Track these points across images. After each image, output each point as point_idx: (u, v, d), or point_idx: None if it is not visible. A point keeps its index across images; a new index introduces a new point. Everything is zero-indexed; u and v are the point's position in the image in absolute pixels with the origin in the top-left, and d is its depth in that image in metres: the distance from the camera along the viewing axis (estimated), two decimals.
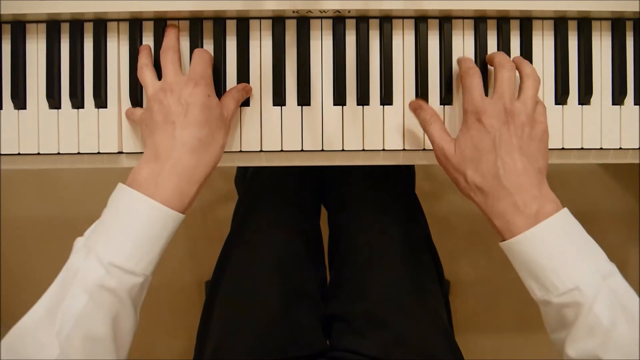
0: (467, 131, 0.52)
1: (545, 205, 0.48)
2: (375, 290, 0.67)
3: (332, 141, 0.59)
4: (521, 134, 0.50)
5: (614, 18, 0.60)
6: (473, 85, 0.52)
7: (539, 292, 0.47)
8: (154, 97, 0.53)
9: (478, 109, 0.51)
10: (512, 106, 0.50)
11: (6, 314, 1.28)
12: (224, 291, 0.69)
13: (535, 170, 0.49)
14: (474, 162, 0.51)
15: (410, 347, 0.63)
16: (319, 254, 0.76)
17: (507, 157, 0.49)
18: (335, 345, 0.67)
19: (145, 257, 0.47)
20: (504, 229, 0.49)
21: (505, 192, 0.49)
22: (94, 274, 0.45)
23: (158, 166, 0.49)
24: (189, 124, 0.50)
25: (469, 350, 0.69)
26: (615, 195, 1.39)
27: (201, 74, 0.53)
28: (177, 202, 0.49)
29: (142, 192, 0.47)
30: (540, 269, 0.47)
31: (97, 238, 0.47)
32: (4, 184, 1.34)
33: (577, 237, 0.48)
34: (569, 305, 0.45)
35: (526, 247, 0.47)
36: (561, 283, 0.45)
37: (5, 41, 0.59)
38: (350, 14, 0.58)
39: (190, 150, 0.50)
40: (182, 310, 1.31)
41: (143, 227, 0.47)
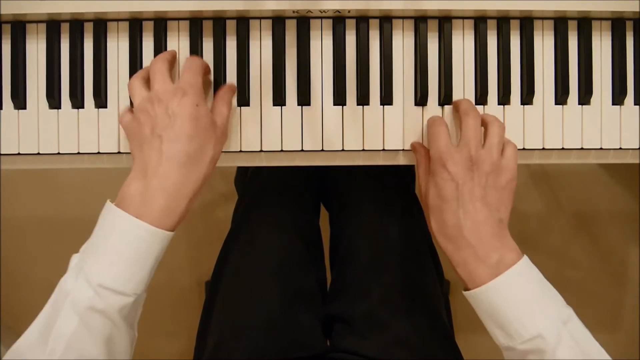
0: (432, 179, 0.52)
1: (505, 255, 0.49)
2: (375, 290, 0.67)
3: (332, 141, 0.59)
4: (484, 184, 0.50)
5: (614, 18, 0.60)
6: (440, 134, 0.53)
7: (503, 339, 0.49)
8: (140, 106, 0.50)
9: (443, 156, 0.51)
10: (477, 154, 0.51)
11: (6, 314, 1.28)
12: (224, 291, 0.69)
13: (496, 221, 0.50)
14: (437, 209, 0.51)
15: (410, 347, 0.63)
16: (319, 255, 0.76)
17: (470, 207, 0.50)
18: (336, 346, 0.67)
19: (134, 277, 0.46)
20: (467, 278, 0.50)
21: (466, 243, 0.50)
22: (83, 296, 0.44)
23: (145, 183, 0.47)
24: (176, 137, 0.48)
25: (469, 350, 0.69)
26: (615, 195, 1.39)
27: (190, 82, 0.51)
28: (165, 220, 0.47)
29: (129, 211, 0.46)
30: (503, 317, 0.48)
31: (86, 258, 0.46)
32: (4, 184, 1.34)
33: (537, 284, 0.49)
34: (533, 352, 0.46)
35: (489, 297, 0.48)
36: (525, 330, 0.47)
37: (5, 41, 0.59)
38: (350, 14, 0.58)
39: (178, 166, 0.48)
40: (182, 310, 1.31)
41: (130, 248, 0.46)
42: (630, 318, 1.38)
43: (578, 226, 1.38)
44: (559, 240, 1.38)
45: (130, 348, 0.49)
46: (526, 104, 0.60)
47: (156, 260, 0.48)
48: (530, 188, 1.38)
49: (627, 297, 1.38)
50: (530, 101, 0.60)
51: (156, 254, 0.48)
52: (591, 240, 1.38)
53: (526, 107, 0.59)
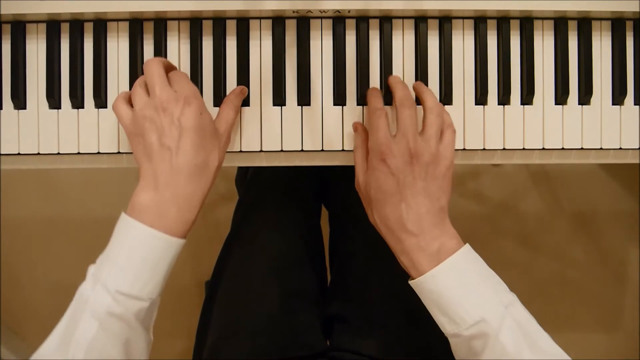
0: (372, 172, 0.52)
1: (445, 243, 0.50)
2: (375, 290, 0.67)
3: (332, 141, 0.59)
4: (425, 175, 0.51)
5: (614, 18, 0.60)
6: (379, 126, 0.52)
7: (449, 326, 0.49)
8: (144, 112, 0.50)
9: (382, 149, 0.51)
10: (415, 145, 0.51)
11: (6, 314, 1.28)
12: (224, 291, 0.69)
13: (437, 210, 0.51)
14: (379, 203, 0.52)
15: (410, 347, 0.63)
16: (319, 254, 0.76)
17: (411, 200, 0.50)
18: (336, 346, 0.67)
19: (150, 283, 0.48)
20: (410, 267, 0.51)
21: (409, 234, 0.50)
22: (102, 302, 0.46)
23: (158, 195, 0.49)
24: (185, 150, 0.50)
25: None
26: (615, 195, 1.39)
27: (189, 89, 0.51)
28: (178, 228, 0.50)
29: (144, 221, 0.48)
30: (447, 304, 0.48)
31: (103, 266, 0.48)
32: (4, 184, 1.34)
33: (478, 271, 0.50)
34: (477, 337, 0.47)
35: (432, 285, 0.49)
36: (468, 316, 0.47)
37: (5, 41, 0.59)
38: (350, 14, 0.58)
39: (187, 178, 0.50)
40: (182, 310, 1.31)
41: (146, 256, 0.48)
42: (630, 318, 1.38)
43: (578, 226, 1.38)
44: (559, 240, 1.38)
45: (146, 351, 0.51)
46: (526, 104, 0.60)
47: (169, 266, 0.50)
48: (530, 188, 1.38)
49: (627, 297, 1.38)
50: (530, 101, 0.60)
51: (170, 260, 0.50)
52: (591, 240, 1.38)
53: (526, 107, 0.59)
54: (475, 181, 1.36)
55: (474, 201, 1.34)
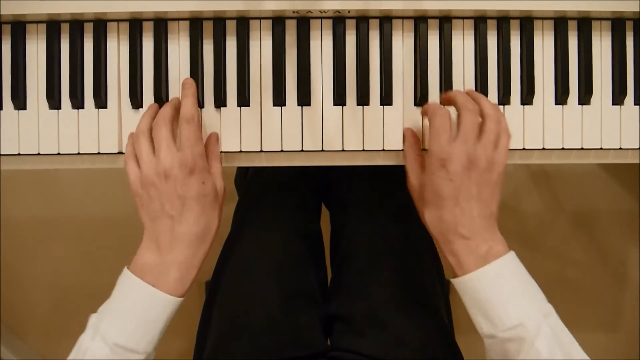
0: (430, 175, 0.52)
1: (494, 247, 0.51)
2: (375, 290, 0.67)
3: (332, 141, 0.59)
4: (480, 181, 0.51)
5: (614, 18, 0.60)
6: (443, 128, 0.52)
7: (486, 327, 0.50)
8: (148, 178, 0.52)
9: (443, 156, 0.51)
10: (474, 152, 0.51)
11: (6, 314, 1.28)
12: (224, 291, 0.69)
13: (488, 214, 0.52)
14: (434, 205, 0.53)
15: (410, 347, 0.63)
16: (319, 254, 0.76)
17: (465, 205, 0.51)
18: (336, 345, 0.67)
19: (146, 337, 0.51)
20: (456, 266, 0.52)
21: (460, 236, 0.51)
22: (100, 353, 0.49)
23: (160, 258, 0.52)
24: (187, 220, 0.52)
25: (469, 350, 0.69)
26: (615, 195, 1.39)
27: (193, 155, 0.52)
28: (178, 289, 0.53)
29: (145, 279, 0.51)
30: (488, 305, 0.50)
31: (103, 318, 0.51)
32: (4, 184, 1.34)
33: (521, 277, 0.51)
34: (513, 340, 0.48)
35: (476, 284, 0.50)
36: (507, 318, 0.48)
37: (5, 41, 0.59)
38: (350, 14, 0.58)
39: (188, 245, 0.53)
40: (182, 310, 1.31)
41: (144, 312, 0.51)
42: (630, 318, 1.38)
43: (578, 226, 1.38)
44: (559, 240, 1.37)
45: None
46: (526, 104, 0.60)
47: (167, 322, 0.53)
48: (530, 188, 1.38)
49: (627, 297, 1.38)
50: (530, 101, 0.60)
51: (167, 317, 0.53)
52: (591, 240, 1.38)
53: (526, 107, 0.59)
54: None
55: None
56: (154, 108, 0.57)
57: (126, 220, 1.30)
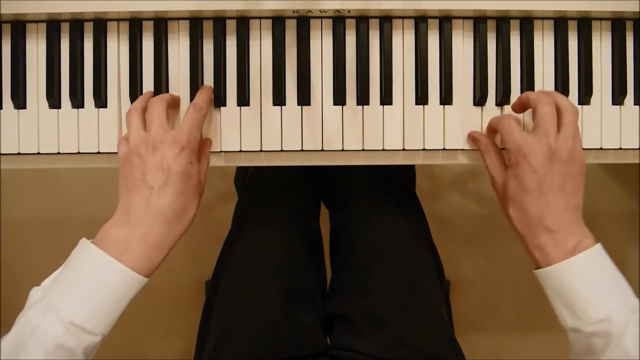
0: (512, 169, 0.53)
1: (582, 242, 0.50)
2: (376, 289, 0.67)
3: (332, 141, 0.59)
4: (564, 172, 0.51)
5: (614, 18, 0.60)
6: (511, 127, 0.53)
7: (570, 320, 0.49)
8: (135, 148, 0.51)
9: (522, 148, 0.51)
10: (556, 144, 0.51)
11: (6, 314, 1.28)
12: (224, 291, 0.69)
13: (574, 208, 0.51)
14: (518, 198, 0.52)
15: (411, 346, 0.63)
16: (319, 254, 0.76)
17: (550, 197, 0.51)
18: (336, 345, 0.67)
19: (106, 318, 0.47)
20: (542, 260, 0.51)
21: (546, 230, 0.51)
22: (53, 332, 0.44)
23: (129, 231, 0.49)
24: (166, 193, 0.50)
25: (469, 350, 0.69)
26: (615, 195, 1.39)
27: (189, 135, 0.52)
28: (143, 267, 0.49)
29: (110, 253, 0.47)
30: (574, 297, 0.48)
31: (57, 294, 0.46)
32: (4, 184, 1.34)
33: (609, 271, 0.50)
34: (599, 335, 0.47)
35: (561, 276, 0.49)
36: (594, 312, 0.47)
37: (5, 41, 0.59)
38: (350, 13, 0.58)
39: (163, 221, 0.50)
40: (182, 310, 1.31)
41: (107, 289, 0.47)
42: None
43: None
44: None
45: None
46: None
47: (127, 304, 0.49)
48: None
49: None
50: None
51: (129, 297, 0.49)
52: None
53: None
54: (475, 181, 1.36)
55: (474, 201, 1.34)
56: (150, 94, 0.58)
57: None
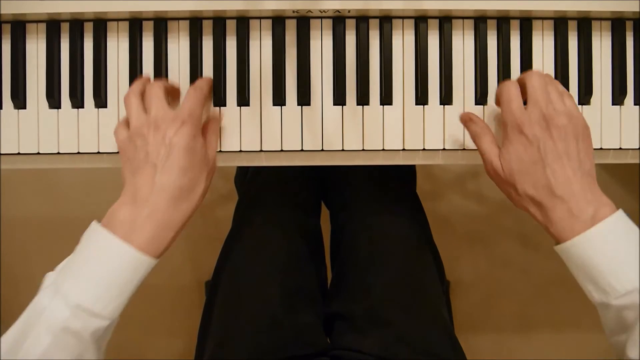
0: (510, 144, 0.51)
1: (600, 209, 0.47)
2: (376, 288, 0.67)
3: (332, 141, 0.59)
4: (564, 136, 0.49)
5: (614, 18, 0.60)
6: (511, 97, 0.51)
7: (597, 294, 0.47)
8: (137, 130, 0.50)
9: (518, 121, 0.50)
10: (547, 109, 0.50)
11: (6, 314, 1.28)
12: (225, 291, 0.69)
13: (585, 173, 0.49)
14: (523, 174, 0.50)
15: (411, 345, 0.63)
16: (319, 253, 0.76)
17: (556, 165, 0.49)
18: (337, 344, 0.67)
19: (114, 301, 0.46)
20: (560, 234, 0.49)
21: (559, 200, 0.48)
22: (59, 316, 0.44)
23: (136, 211, 0.48)
24: (170, 169, 0.48)
25: (469, 350, 0.69)
26: (615, 195, 1.38)
27: (190, 111, 0.51)
28: (152, 248, 0.47)
29: (117, 234, 0.46)
30: (597, 271, 0.46)
31: (65, 277, 0.46)
32: (4, 184, 1.34)
33: (633, 239, 0.47)
34: (629, 308, 0.45)
35: (583, 249, 0.47)
36: (620, 285, 0.45)
37: (5, 41, 0.59)
38: (350, 14, 0.58)
39: (169, 198, 0.48)
40: (182, 310, 1.31)
41: (114, 271, 0.46)
42: None
43: None
44: None
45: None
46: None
47: (136, 286, 0.48)
48: None
49: None
50: None
51: (138, 280, 0.47)
52: None
53: None
54: (475, 181, 1.36)
55: (474, 201, 1.34)
56: (147, 77, 0.56)
57: None
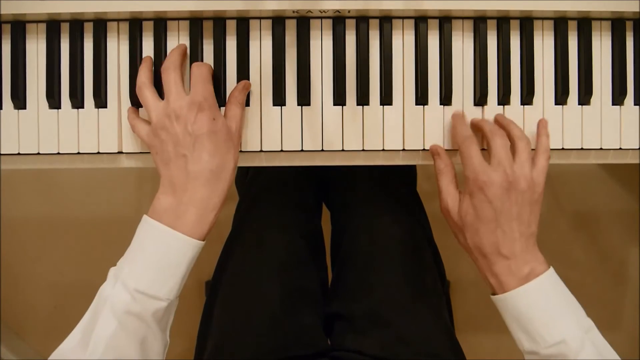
0: (470, 198, 0.53)
1: (536, 268, 0.52)
2: (377, 289, 0.67)
3: (332, 141, 0.59)
4: (521, 201, 0.52)
5: (614, 18, 0.60)
6: (471, 154, 0.53)
7: (528, 343, 0.51)
8: (159, 123, 0.52)
9: (479, 178, 0.52)
10: (512, 173, 0.52)
11: (6, 314, 1.28)
12: (225, 291, 0.69)
13: (529, 235, 0.52)
14: (475, 228, 0.53)
15: (412, 346, 0.63)
16: (320, 253, 0.76)
17: (506, 227, 0.52)
18: (337, 345, 0.67)
19: (168, 283, 0.50)
20: (497, 286, 0.53)
21: (501, 258, 0.52)
22: (121, 300, 0.48)
23: (176, 199, 0.51)
24: (199, 157, 0.51)
25: (469, 350, 0.69)
26: (615, 195, 1.39)
27: (203, 94, 0.52)
28: (197, 230, 0.52)
29: (162, 222, 0.50)
30: (529, 322, 0.50)
31: (123, 266, 0.50)
32: (4, 184, 1.34)
33: (561, 294, 0.52)
34: (555, 357, 0.49)
35: (517, 302, 0.51)
36: (549, 336, 0.49)
37: (5, 41, 0.59)
38: (350, 14, 0.58)
39: (204, 182, 0.52)
40: (182, 310, 1.30)
41: (164, 255, 0.50)
42: (630, 318, 1.38)
43: (578, 226, 1.38)
44: (559, 240, 1.37)
45: (162, 351, 0.53)
46: (526, 104, 0.60)
47: (188, 268, 0.52)
48: None
49: (627, 297, 1.38)
50: (530, 101, 0.60)
51: (188, 261, 0.52)
52: (591, 240, 1.38)
53: (526, 108, 0.59)
54: None
55: None
56: (149, 60, 0.57)
57: (126, 220, 1.30)
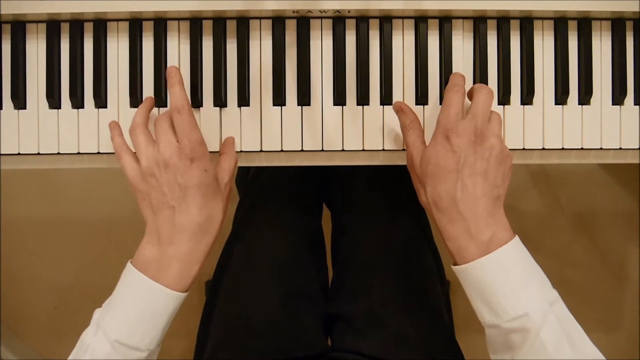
0: (433, 146, 0.51)
1: (497, 234, 0.48)
2: (376, 290, 0.67)
3: (332, 141, 0.59)
4: (488, 157, 0.49)
5: (614, 18, 0.60)
6: (453, 102, 0.51)
7: (489, 316, 0.48)
8: (148, 169, 0.51)
9: (449, 126, 0.50)
10: (482, 127, 0.50)
11: (6, 314, 1.28)
12: (225, 291, 0.69)
13: (494, 197, 0.49)
14: (435, 178, 0.50)
15: (411, 347, 0.63)
16: (320, 254, 0.76)
17: (468, 180, 0.49)
18: (337, 345, 0.67)
19: (149, 334, 0.50)
20: (456, 253, 0.50)
21: (460, 216, 0.49)
22: (101, 350, 0.48)
23: (160, 251, 0.51)
24: (187, 210, 0.51)
25: (469, 350, 0.69)
26: (615, 195, 1.39)
27: (192, 145, 0.51)
28: (179, 283, 0.51)
29: (146, 274, 0.50)
30: (491, 295, 0.47)
31: (105, 314, 0.50)
32: (4, 184, 1.34)
33: (526, 264, 0.49)
34: (517, 331, 0.46)
35: (478, 273, 0.48)
36: (511, 309, 0.46)
37: (5, 41, 0.59)
38: (350, 14, 0.58)
39: (190, 236, 0.51)
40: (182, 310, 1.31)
41: (146, 307, 0.50)
42: (630, 318, 1.38)
43: (578, 226, 1.38)
44: (559, 240, 1.37)
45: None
46: (526, 104, 0.60)
47: (169, 319, 0.52)
48: (530, 188, 1.38)
49: (627, 297, 1.38)
50: (530, 101, 0.60)
51: (170, 313, 0.51)
52: (591, 240, 1.38)
53: (526, 107, 0.59)
54: None
55: None
56: (150, 101, 0.57)
57: (126, 220, 1.30)
